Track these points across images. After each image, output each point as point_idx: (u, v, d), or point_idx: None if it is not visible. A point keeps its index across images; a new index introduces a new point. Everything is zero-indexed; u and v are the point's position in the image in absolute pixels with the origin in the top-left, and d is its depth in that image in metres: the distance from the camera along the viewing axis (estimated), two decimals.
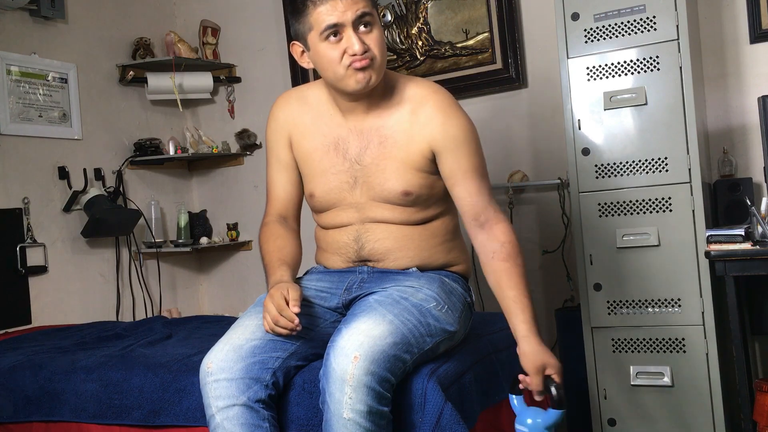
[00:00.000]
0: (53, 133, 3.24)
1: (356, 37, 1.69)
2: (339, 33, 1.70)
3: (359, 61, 1.70)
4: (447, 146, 1.77)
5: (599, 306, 2.57)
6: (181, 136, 3.84)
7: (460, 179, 1.78)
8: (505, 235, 1.75)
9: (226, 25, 3.84)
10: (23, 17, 3.18)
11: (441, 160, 1.79)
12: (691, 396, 2.45)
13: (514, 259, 1.73)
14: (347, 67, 1.71)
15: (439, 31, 3.31)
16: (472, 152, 1.79)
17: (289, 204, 1.95)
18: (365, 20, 1.71)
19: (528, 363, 1.65)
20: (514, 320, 1.71)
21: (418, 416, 1.63)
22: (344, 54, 1.70)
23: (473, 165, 1.78)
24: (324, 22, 1.69)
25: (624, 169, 2.51)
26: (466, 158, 1.78)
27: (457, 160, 1.78)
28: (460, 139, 1.77)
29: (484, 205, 1.78)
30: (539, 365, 1.64)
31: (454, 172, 1.78)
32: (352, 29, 1.69)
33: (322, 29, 1.70)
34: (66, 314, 3.20)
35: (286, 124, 1.92)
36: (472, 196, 1.78)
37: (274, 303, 1.65)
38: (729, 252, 2.16)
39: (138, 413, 1.91)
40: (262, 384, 1.65)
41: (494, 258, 1.74)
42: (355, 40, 1.69)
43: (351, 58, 1.70)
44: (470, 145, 1.79)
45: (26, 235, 3.07)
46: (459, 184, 1.79)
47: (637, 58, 2.48)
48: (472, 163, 1.78)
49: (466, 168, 1.78)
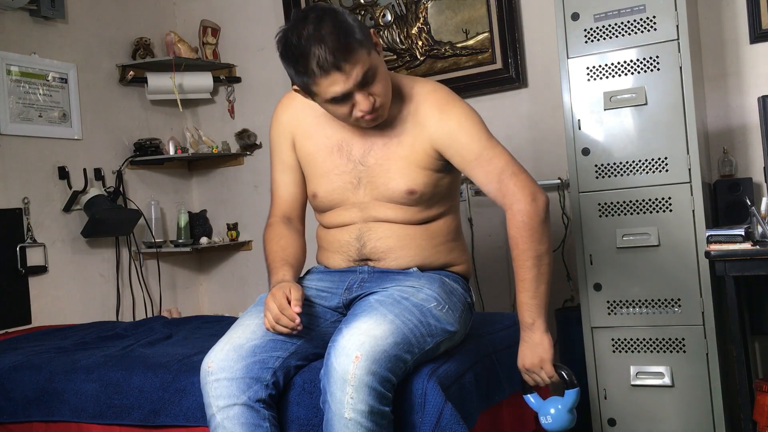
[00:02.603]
0: (53, 133, 3.24)
1: (363, 96, 1.67)
2: (346, 96, 1.67)
3: (369, 116, 1.71)
4: (446, 142, 1.78)
5: (599, 306, 2.57)
6: (181, 136, 3.84)
7: (469, 169, 1.79)
8: (522, 215, 1.72)
9: (226, 25, 3.84)
10: (23, 17, 3.18)
11: (447, 155, 1.80)
12: (691, 396, 2.45)
13: (528, 242, 1.72)
14: (358, 118, 1.72)
15: (439, 31, 3.31)
16: (471, 139, 1.78)
17: (293, 204, 1.95)
18: (368, 77, 1.67)
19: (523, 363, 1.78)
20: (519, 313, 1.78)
21: (418, 416, 1.63)
22: (353, 108, 1.70)
23: (475, 152, 1.77)
24: (329, 94, 1.66)
25: (624, 169, 2.51)
26: (466, 148, 1.77)
27: (459, 152, 1.78)
28: (456, 130, 1.78)
29: (497, 187, 1.76)
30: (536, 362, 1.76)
31: (462, 164, 1.79)
32: (358, 90, 1.67)
33: (327, 98, 1.68)
34: (66, 314, 3.20)
35: (290, 125, 1.92)
36: (487, 184, 1.78)
37: (276, 302, 1.65)
38: (729, 252, 2.15)
39: (138, 413, 1.91)
40: (263, 383, 1.65)
41: (513, 248, 1.75)
42: (362, 99, 1.68)
43: (361, 112, 1.70)
44: (468, 132, 1.78)
45: (26, 235, 3.07)
46: (471, 173, 1.79)
47: (637, 58, 2.48)
48: (473, 150, 1.77)
49: (470, 158, 1.77)
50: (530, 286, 1.73)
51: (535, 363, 1.75)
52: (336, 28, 1.61)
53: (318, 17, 1.62)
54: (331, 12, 1.64)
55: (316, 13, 1.63)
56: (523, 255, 1.73)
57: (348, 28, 1.62)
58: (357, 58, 1.63)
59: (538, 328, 1.74)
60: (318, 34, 1.60)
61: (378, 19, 3.43)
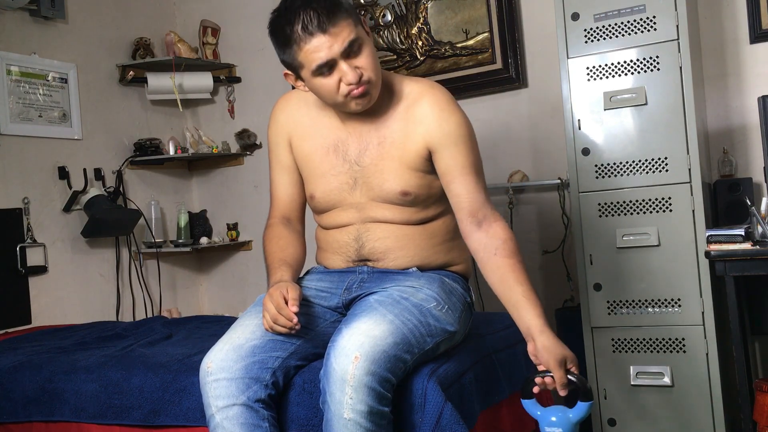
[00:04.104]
0: (53, 133, 3.24)
1: (349, 67, 1.67)
2: (331, 67, 1.68)
3: (356, 89, 1.70)
4: (442, 143, 1.77)
5: (599, 306, 2.57)
6: (181, 136, 3.84)
7: (457, 176, 1.77)
8: (506, 232, 1.74)
9: (226, 25, 3.84)
10: (23, 17, 3.18)
11: (437, 157, 1.78)
12: (691, 396, 2.45)
13: (517, 255, 1.72)
14: (345, 95, 1.71)
15: (439, 31, 3.31)
16: (468, 149, 1.78)
17: (292, 205, 1.95)
18: (354, 47, 1.68)
19: (550, 358, 1.59)
20: (527, 316, 1.65)
21: (418, 416, 1.63)
22: (340, 83, 1.70)
23: (469, 162, 1.77)
24: (314, 62, 1.67)
25: (624, 169, 2.51)
26: (462, 155, 1.77)
27: (453, 156, 1.77)
28: (456, 135, 1.77)
29: (481, 202, 1.76)
30: (560, 359, 1.59)
31: (450, 168, 1.77)
32: (343, 60, 1.67)
33: (313, 68, 1.68)
34: (66, 314, 3.20)
35: (287, 126, 1.92)
36: (469, 193, 1.77)
37: (273, 302, 1.65)
38: (729, 252, 2.15)
39: (138, 413, 1.91)
40: (262, 384, 1.65)
41: (497, 254, 1.71)
42: (348, 69, 1.67)
43: (348, 87, 1.69)
44: (466, 142, 1.78)
45: (26, 235, 3.07)
46: (455, 181, 1.77)
47: (637, 58, 2.48)
48: (469, 160, 1.77)
49: (462, 165, 1.77)
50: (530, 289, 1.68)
51: (569, 356, 1.60)
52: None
53: None
54: None
55: None
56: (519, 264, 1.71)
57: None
58: (343, 24, 1.65)
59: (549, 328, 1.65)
60: (306, 1, 1.65)
61: (378, 19, 3.43)
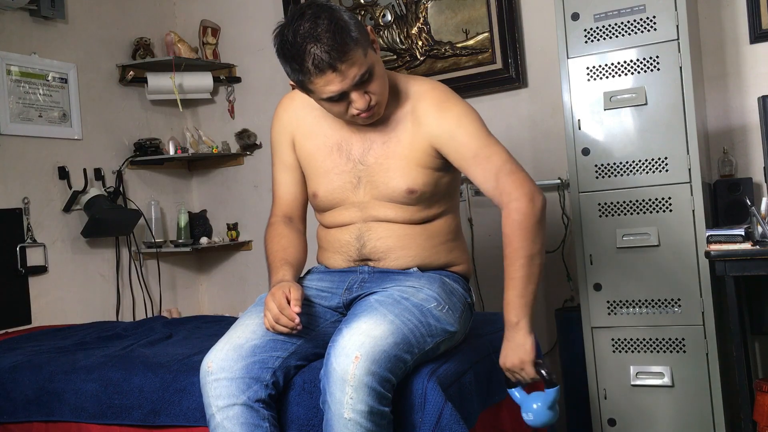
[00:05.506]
0: (53, 133, 3.24)
1: (359, 95, 1.68)
2: (342, 95, 1.68)
3: (365, 114, 1.71)
4: (444, 140, 1.78)
5: (599, 306, 2.57)
6: (181, 136, 3.84)
7: (470, 166, 1.78)
8: (512, 220, 1.72)
9: (226, 25, 3.84)
10: (23, 17, 3.18)
11: (445, 152, 1.79)
12: (691, 396, 2.45)
13: (522, 240, 1.71)
14: (354, 116, 1.72)
15: (439, 31, 3.30)
16: (470, 137, 1.77)
17: (294, 204, 1.95)
18: (365, 77, 1.67)
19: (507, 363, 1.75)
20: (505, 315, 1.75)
21: (418, 416, 1.63)
22: (349, 106, 1.70)
23: (473, 150, 1.76)
24: (324, 93, 1.67)
25: (624, 169, 2.51)
26: (464, 146, 1.77)
27: (457, 150, 1.78)
28: (454, 127, 1.77)
29: (494, 185, 1.75)
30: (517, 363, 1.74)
31: (459, 161, 1.79)
32: (354, 89, 1.67)
33: (323, 97, 1.68)
34: (66, 314, 3.20)
35: (290, 125, 1.92)
36: (484, 182, 1.77)
37: (276, 302, 1.65)
38: (729, 252, 2.15)
39: (138, 413, 1.91)
40: (262, 383, 1.65)
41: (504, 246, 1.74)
42: (359, 98, 1.68)
43: (356, 110, 1.70)
44: (466, 130, 1.78)
45: (26, 235, 3.07)
46: (469, 171, 1.79)
47: (637, 58, 2.48)
48: (471, 148, 1.77)
49: (468, 155, 1.77)
50: (519, 284, 1.71)
51: (516, 364, 1.73)
52: (332, 26, 1.60)
53: (314, 14, 1.62)
54: (327, 9, 1.64)
55: (312, 10, 1.63)
56: (515, 254, 1.72)
57: (344, 27, 1.62)
58: (353, 58, 1.63)
59: (522, 328, 1.71)
60: (314, 33, 1.60)
61: (378, 19, 3.43)
